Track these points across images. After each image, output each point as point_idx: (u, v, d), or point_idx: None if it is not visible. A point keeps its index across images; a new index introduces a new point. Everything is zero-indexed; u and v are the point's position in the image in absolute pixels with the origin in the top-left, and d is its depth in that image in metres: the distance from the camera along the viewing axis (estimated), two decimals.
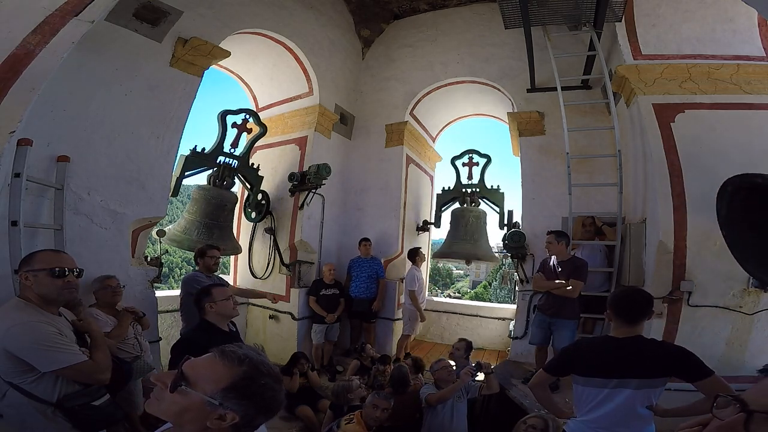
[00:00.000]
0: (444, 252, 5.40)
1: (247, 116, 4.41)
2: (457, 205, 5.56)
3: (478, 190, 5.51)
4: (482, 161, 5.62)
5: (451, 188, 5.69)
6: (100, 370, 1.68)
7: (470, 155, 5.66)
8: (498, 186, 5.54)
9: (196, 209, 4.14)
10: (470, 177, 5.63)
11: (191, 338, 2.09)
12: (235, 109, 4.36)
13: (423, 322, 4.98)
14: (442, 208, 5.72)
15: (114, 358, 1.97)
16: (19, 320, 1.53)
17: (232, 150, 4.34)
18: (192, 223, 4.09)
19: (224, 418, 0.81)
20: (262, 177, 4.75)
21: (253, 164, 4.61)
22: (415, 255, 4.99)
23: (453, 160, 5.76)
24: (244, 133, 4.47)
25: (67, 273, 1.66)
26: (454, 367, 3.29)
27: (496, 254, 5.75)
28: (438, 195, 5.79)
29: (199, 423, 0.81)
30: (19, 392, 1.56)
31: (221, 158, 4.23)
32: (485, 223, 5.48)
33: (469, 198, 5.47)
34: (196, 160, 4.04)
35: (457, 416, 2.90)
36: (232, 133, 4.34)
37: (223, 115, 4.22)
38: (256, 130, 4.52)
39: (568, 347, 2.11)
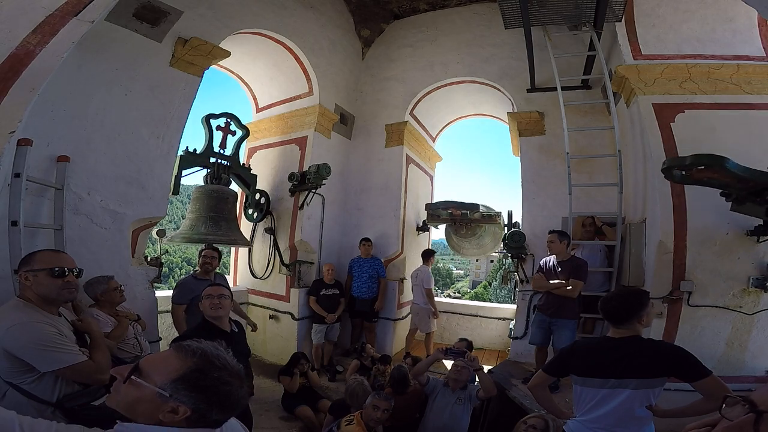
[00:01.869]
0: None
1: (228, 120, 4.44)
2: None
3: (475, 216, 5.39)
4: (467, 212, 5.37)
5: (443, 217, 5.57)
6: (100, 371, 1.67)
7: (450, 209, 5.44)
8: (499, 213, 5.35)
9: (199, 206, 4.16)
10: (456, 216, 5.41)
11: (189, 336, 2.10)
12: (218, 113, 4.38)
13: (437, 318, 5.07)
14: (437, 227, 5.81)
15: (114, 358, 1.97)
16: (19, 320, 1.53)
17: (221, 151, 4.38)
18: (197, 219, 4.11)
19: (176, 411, 0.81)
20: (256, 175, 4.78)
21: (244, 164, 4.64)
22: (429, 256, 5.10)
23: (429, 209, 5.58)
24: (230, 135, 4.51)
25: (66, 273, 1.66)
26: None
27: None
28: (429, 214, 5.63)
29: (152, 415, 0.82)
30: (18, 392, 1.56)
31: (213, 159, 4.27)
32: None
33: (464, 226, 5.59)
34: (191, 159, 4.09)
35: (452, 419, 2.87)
36: (219, 135, 4.39)
37: (206, 119, 4.27)
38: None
39: (565, 348, 2.11)
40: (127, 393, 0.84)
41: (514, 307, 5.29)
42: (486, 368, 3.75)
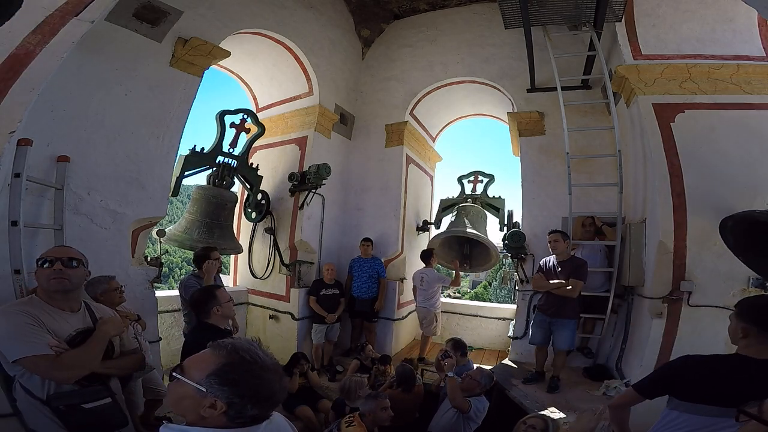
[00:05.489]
0: (444, 232, 5.43)
1: (245, 116, 4.41)
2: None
3: (479, 196, 5.75)
4: (486, 179, 5.88)
5: (455, 197, 5.90)
6: (59, 368, 1.50)
7: (476, 175, 5.93)
8: (500, 196, 5.69)
9: (197, 209, 4.14)
10: (474, 191, 5.90)
11: (199, 341, 2.06)
12: (233, 109, 4.37)
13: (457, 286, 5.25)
14: (444, 212, 5.84)
15: None
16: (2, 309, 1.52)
17: (231, 150, 4.34)
18: (193, 222, 4.09)
19: (215, 407, 0.84)
20: (262, 177, 4.76)
21: (252, 164, 4.62)
22: (430, 256, 4.94)
23: (460, 179, 6.02)
24: (243, 133, 4.47)
25: (55, 262, 1.61)
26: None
27: (498, 250, 5.72)
28: (441, 200, 5.97)
29: (195, 411, 0.86)
30: (19, 386, 1.55)
31: (220, 158, 4.23)
32: (486, 220, 5.56)
33: (471, 201, 5.66)
34: (196, 160, 4.05)
35: (446, 422, 2.87)
36: (230, 133, 4.35)
37: (221, 115, 4.23)
38: (254, 129, 4.53)
39: (672, 364, 1.67)
40: (174, 391, 0.90)
41: (514, 307, 5.29)
42: (486, 367, 3.75)
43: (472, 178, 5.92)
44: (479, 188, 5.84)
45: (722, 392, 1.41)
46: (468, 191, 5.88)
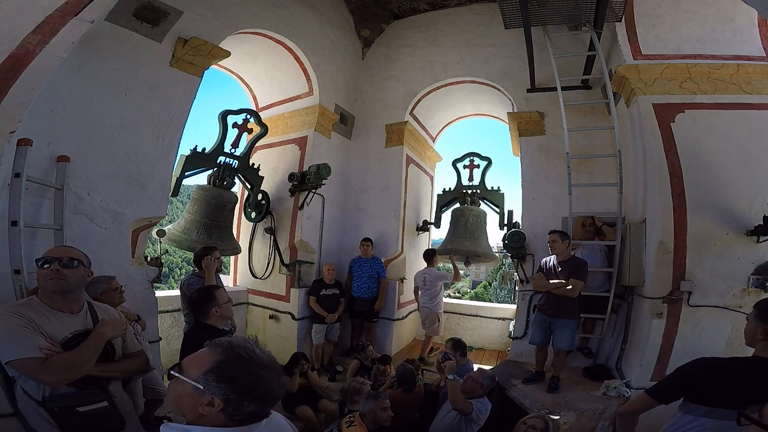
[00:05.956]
0: (443, 249, 5.38)
1: (248, 116, 4.41)
2: (457, 205, 5.62)
3: (478, 191, 5.62)
4: (483, 163, 5.74)
5: (452, 189, 5.79)
6: (47, 371, 1.47)
7: (471, 158, 5.79)
8: (498, 187, 5.63)
9: (196, 209, 4.14)
10: (471, 179, 5.76)
11: (197, 341, 2.06)
12: (236, 109, 4.38)
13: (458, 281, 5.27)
14: (443, 209, 5.79)
15: None
16: None
17: (233, 150, 4.34)
18: (192, 223, 4.09)
19: (212, 404, 0.85)
20: (263, 177, 4.76)
21: (253, 164, 4.62)
22: (432, 256, 4.99)
23: (454, 163, 5.88)
24: (245, 133, 4.48)
25: (53, 262, 1.59)
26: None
27: (497, 253, 5.74)
28: (438, 195, 5.91)
29: (194, 409, 0.87)
30: (19, 387, 1.55)
31: (221, 158, 4.23)
32: (485, 222, 5.54)
33: (469, 198, 5.55)
34: (197, 160, 4.04)
35: (446, 422, 2.87)
36: (232, 133, 4.36)
37: (224, 115, 4.23)
38: (257, 130, 4.53)
39: (690, 366, 1.61)
40: (173, 390, 0.91)
41: (514, 307, 5.29)
42: (486, 368, 3.76)
43: (467, 163, 5.77)
44: (476, 175, 5.68)
45: (741, 395, 1.38)
46: (465, 179, 5.74)
